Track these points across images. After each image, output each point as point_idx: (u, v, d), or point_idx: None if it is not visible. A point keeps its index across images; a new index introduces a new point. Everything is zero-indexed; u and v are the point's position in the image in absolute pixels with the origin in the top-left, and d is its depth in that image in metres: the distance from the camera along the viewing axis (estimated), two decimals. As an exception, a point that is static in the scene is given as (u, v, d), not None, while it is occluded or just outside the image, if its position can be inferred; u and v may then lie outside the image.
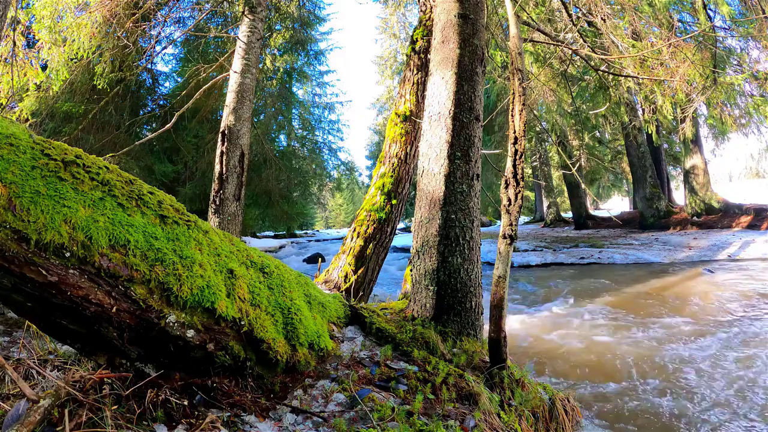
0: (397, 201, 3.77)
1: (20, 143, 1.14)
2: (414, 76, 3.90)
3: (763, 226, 10.99)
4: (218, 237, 1.62)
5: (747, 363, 3.21)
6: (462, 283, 2.41)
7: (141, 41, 6.66)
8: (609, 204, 32.31)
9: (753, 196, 17.46)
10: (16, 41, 4.93)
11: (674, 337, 3.90)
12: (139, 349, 1.35)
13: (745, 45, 6.33)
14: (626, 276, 7.31)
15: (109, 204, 1.25)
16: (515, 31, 2.19)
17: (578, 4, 5.11)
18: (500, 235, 2.00)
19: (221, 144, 4.61)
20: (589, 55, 5.01)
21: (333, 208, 46.58)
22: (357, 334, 2.16)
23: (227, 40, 9.93)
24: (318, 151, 18.46)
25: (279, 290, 1.72)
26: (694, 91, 5.30)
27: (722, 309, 4.77)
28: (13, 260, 1.06)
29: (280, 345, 1.60)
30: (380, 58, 28.79)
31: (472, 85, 2.56)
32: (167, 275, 1.30)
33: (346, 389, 1.61)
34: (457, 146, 2.48)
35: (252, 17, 4.95)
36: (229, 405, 1.41)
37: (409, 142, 3.82)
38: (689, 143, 13.16)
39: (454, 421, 1.55)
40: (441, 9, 2.71)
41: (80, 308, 1.18)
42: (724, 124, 6.38)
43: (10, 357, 1.95)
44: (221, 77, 5.41)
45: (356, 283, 3.55)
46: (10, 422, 1.08)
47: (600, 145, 17.18)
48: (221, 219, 4.49)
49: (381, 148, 4.15)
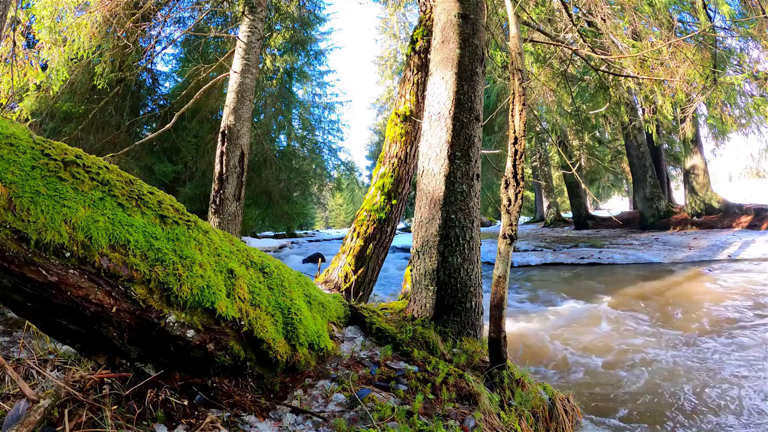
0: (397, 201, 3.77)
1: (20, 143, 1.14)
2: (414, 76, 3.90)
3: (764, 226, 10.98)
4: (218, 237, 1.62)
5: (745, 364, 3.21)
6: (462, 283, 2.40)
7: (141, 41, 6.66)
8: (609, 204, 32.30)
9: (753, 195, 17.44)
10: (16, 41, 4.93)
11: (674, 337, 3.90)
12: (139, 349, 1.35)
13: (745, 45, 6.33)
14: (626, 276, 7.31)
15: (109, 204, 1.25)
16: (515, 31, 2.19)
17: (578, 4, 5.11)
18: (500, 235, 2.00)
19: (221, 144, 4.61)
20: (589, 55, 5.01)
21: (333, 208, 46.58)
22: (357, 334, 2.16)
23: (227, 40, 9.93)
24: (318, 151, 18.46)
25: (279, 290, 1.72)
26: (694, 91, 5.30)
27: (722, 309, 4.77)
28: (13, 260, 1.06)
29: (280, 345, 1.60)
30: (380, 58, 28.80)
31: (472, 85, 2.55)
32: (167, 275, 1.30)
33: (346, 389, 1.61)
34: (457, 146, 2.48)
35: (252, 17, 4.95)
36: (229, 405, 1.41)
37: (409, 142, 3.82)
38: (689, 143, 13.16)
39: (454, 421, 1.55)
40: (441, 9, 2.71)
41: (80, 308, 1.18)
42: (724, 124, 6.38)
43: (10, 357, 1.95)
44: (221, 77, 5.41)
45: (356, 283, 3.55)
46: (10, 422, 1.08)
47: (600, 145, 17.18)
48: (221, 219, 4.49)
49: (381, 148, 4.15)
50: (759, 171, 35.32)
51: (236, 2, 6.89)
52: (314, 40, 16.54)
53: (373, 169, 7.85)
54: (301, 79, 17.36)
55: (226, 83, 5.96)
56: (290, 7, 12.09)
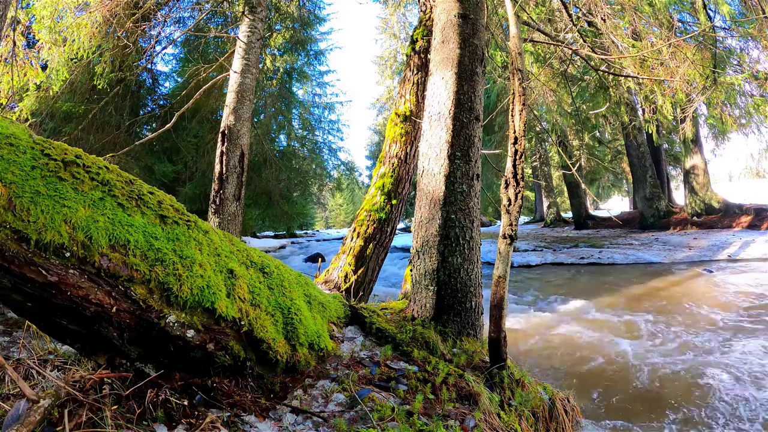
0: (397, 201, 3.77)
1: (20, 143, 1.14)
2: (414, 76, 3.90)
3: (763, 226, 10.98)
4: (218, 237, 1.62)
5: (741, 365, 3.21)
6: (462, 283, 2.40)
7: (141, 41, 6.66)
8: (609, 204, 32.30)
9: (753, 195, 17.44)
10: (16, 41, 4.93)
11: (674, 338, 3.90)
12: (139, 349, 1.35)
13: (745, 45, 6.32)
14: (626, 276, 7.31)
15: (109, 204, 1.25)
16: (515, 31, 2.19)
17: (578, 4, 5.11)
18: (500, 235, 1.99)
19: (221, 144, 4.61)
20: (589, 55, 5.01)
21: (333, 208, 46.56)
22: (357, 334, 2.16)
23: (227, 40, 9.93)
24: (318, 151, 18.46)
25: (279, 290, 1.72)
26: (694, 91, 5.30)
27: (722, 309, 4.77)
28: (13, 260, 1.06)
29: (280, 345, 1.60)
30: (380, 58, 28.79)
31: (472, 85, 2.55)
32: (167, 275, 1.30)
33: (346, 389, 1.61)
34: (457, 146, 2.48)
35: (252, 17, 4.95)
36: (229, 405, 1.41)
37: (409, 142, 3.82)
38: (689, 143, 13.16)
39: (454, 421, 1.55)
40: (441, 9, 2.71)
41: (80, 308, 1.18)
42: (724, 124, 6.38)
43: (10, 357, 1.95)
44: (221, 77, 5.41)
45: (356, 283, 3.55)
46: (10, 422, 1.08)
47: (600, 145, 17.18)
48: (221, 219, 4.49)
49: (381, 148, 4.15)
50: (759, 171, 35.32)
51: (236, 2, 6.89)
52: (314, 40, 16.54)
53: (373, 169, 7.85)
54: (301, 79, 17.36)
55: (226, 83, 5.96)
56: (290, 7, 12.09)
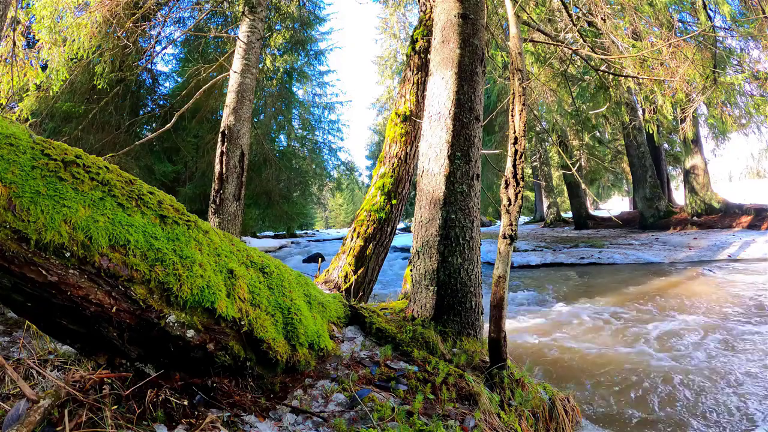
0: (397, 201, 3.77)
1: (20, 143, 1.14)
2: (414, 76, 3.90)
3: (764, 226, 10.98)
4: (218, 237, 1.62)
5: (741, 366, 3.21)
6: (462, 283, 2.40)
7: (141, 41, 6.66)
8: (609, 204, 32.30)
9: (753, 195, 17.45)
10: (16, 41, 4.93)
11: (674, 338, 3.90)
12: (139, 349, 1.35)
13: (745, 45, 6.33)
14: (626, 276, 7.31)
15: (109, 204, 1.25)
16: (515, 31, 2.19)
17: (578, 4, 5.11)
18: (500, 235, 1.99)
19: (221, 144, 4.61)
20: (589, 55, 5.01)
21: (333, 208, 46.58)
22: (357, 334, 2.16)
23: (227, 40, 9.93)
24: (318, 151, 18.48)
25: (279, 290, 1.72)
26: (694, 91, 5.30)
27: (722, 309, 4.77)
28: (13, 260, 1.06)
29: (280, 345, 1.60)
30: (380, 58, 28.78)
31: (472, 85, 2.55)
32: (167, 275, 1.30)
33: (346, 389, 1.61)
34: (457, 146, 2.48)
35: (252, 17, 4.95)
36: (229, 405, 1.41)
37: (409, 142, 3.82)
38: (689, 143, 13.16)
39: (454, 421, 1.55)
40: (441, 9, 2.71)
41: (80, 308, 1.18)
42: (724, 124, 6.38)
43: (10, 357, 1.95)
44: (221, 77, 5.41)
45: (356, 283, 3.55)
46: (10, 422, 1.08)
47: (600, 145, 17.18)
48: (221, 219, 4.49)
49: (381, 148, 4.15)
50: (759, 171, 35.33)
51: (236, 2, 6.89)
52: (314, 40, 16.55)
53: (373, 169, 7.85)
54: (301, 79, 17.38)
55: (226, 83, 5.97)
56: (290, 7, 12.10)
